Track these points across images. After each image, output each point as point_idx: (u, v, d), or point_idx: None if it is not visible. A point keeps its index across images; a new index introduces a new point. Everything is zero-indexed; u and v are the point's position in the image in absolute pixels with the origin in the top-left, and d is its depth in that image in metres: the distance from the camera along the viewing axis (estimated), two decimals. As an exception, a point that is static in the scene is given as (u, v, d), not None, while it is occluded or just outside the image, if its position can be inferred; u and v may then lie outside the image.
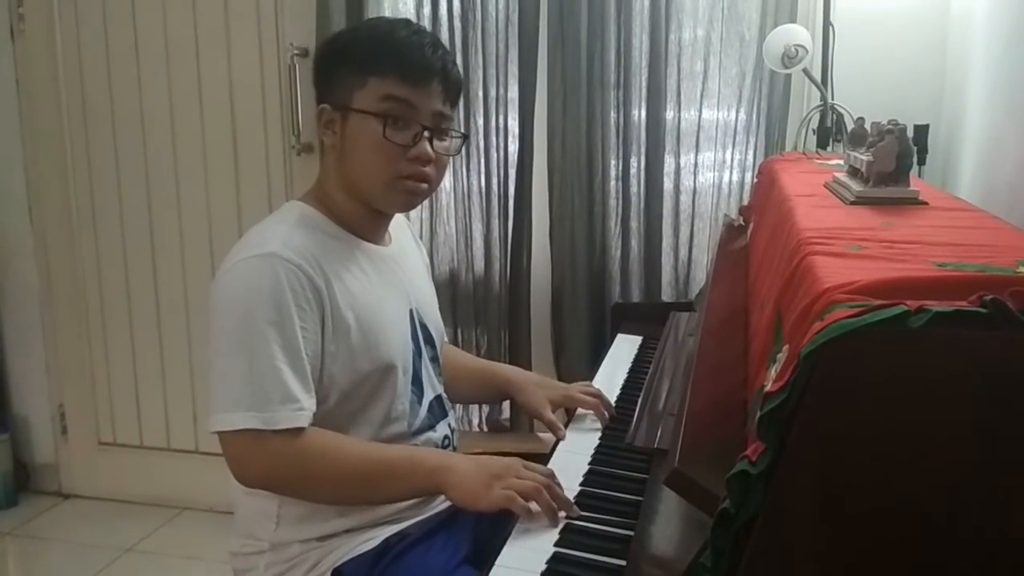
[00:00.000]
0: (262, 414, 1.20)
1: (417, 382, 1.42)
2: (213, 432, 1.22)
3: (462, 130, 2.40)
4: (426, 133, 1.32)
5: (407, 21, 1.38)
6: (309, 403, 1.24)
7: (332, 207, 1.37)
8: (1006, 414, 0.67)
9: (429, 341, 1.48)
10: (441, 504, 1.37)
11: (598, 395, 1.58)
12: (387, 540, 1.28)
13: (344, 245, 1.36)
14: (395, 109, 1.29)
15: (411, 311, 1.44)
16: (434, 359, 1.50)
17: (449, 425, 1.49)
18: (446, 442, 1.46)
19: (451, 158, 1.44)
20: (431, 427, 1.43)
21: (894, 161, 1.33)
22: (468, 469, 1.23)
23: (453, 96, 1.37)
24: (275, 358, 1.21)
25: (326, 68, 1.37)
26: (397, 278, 1.44)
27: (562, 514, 1.18)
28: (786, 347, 0.84)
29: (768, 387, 0.78)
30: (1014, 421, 0.67)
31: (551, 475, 1.23)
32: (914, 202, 1.32)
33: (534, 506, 1.17)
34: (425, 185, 1.35)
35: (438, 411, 1.47)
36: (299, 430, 1.22)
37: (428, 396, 1.44)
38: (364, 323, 1.32)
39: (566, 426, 1.55)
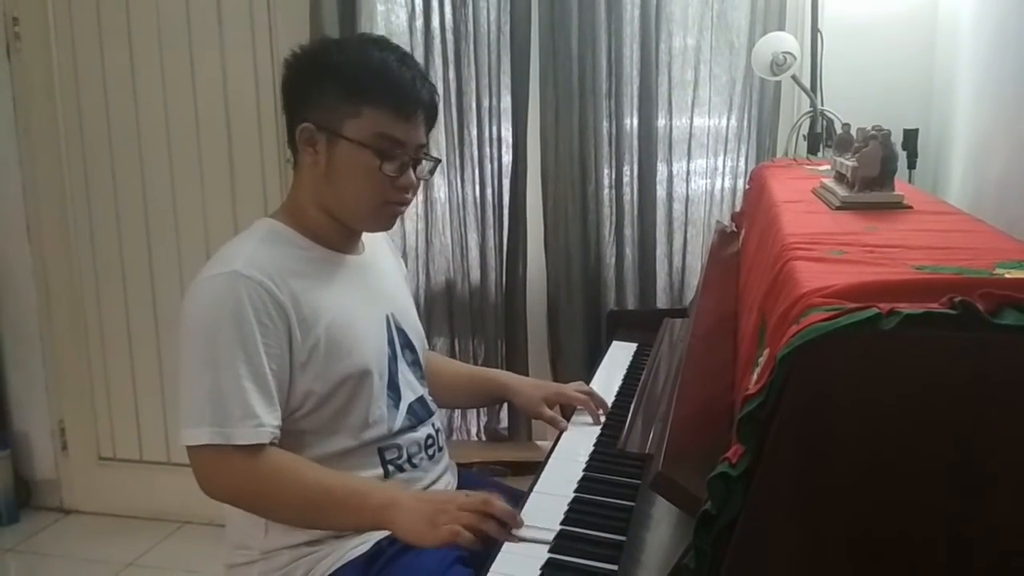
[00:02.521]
0: (223, 430, 1.24)
1: (393, 386, 1.44)
2: (183, 446, 1.27)
3: (444, 144, 2.49)
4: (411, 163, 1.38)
5: (392, 45, 1.41)
6: (270, 420, 1.27)
7: (304, 221, 1.40)
8: (974, 412, 0.68)
9: (408, 345, 1.51)
10: None
11: (590, 393, 1.64)
12: (379, 544, 1.29)
13: (314, 256, 1.39)
14: (388, 145, 1.34)
15: (387, 316, 1.47)
16: (414, 363, 1.52)
17: (433, 425, 1.50)
18: (429, 441, 1.48)
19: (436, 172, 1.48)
20: (413, 428, 1.45)
21: (879, 166, 1.34)
22: (413, 507, 1.25)
23: (432, 125, 1.43)
24: (238, 376, 1.24)
25: (307, 82, 1.37)
26: (371, 285, 1.47)
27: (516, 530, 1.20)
28: (767, 351, 0.85)
29: (749, 390, 0.79)
30: (982, 419, 0.68)
31: (491, 498, 1.24)
32: (899, 206, 1.33)
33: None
34: (404, 207, 1.43)
35: (421, 412, 1.48)
36: (260, 447, 1.25)
37: (407, 399, 1.46)
38: (336, 331, 1.34)
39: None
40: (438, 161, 1.54)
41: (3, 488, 2.92)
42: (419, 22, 2.51)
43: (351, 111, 1.33)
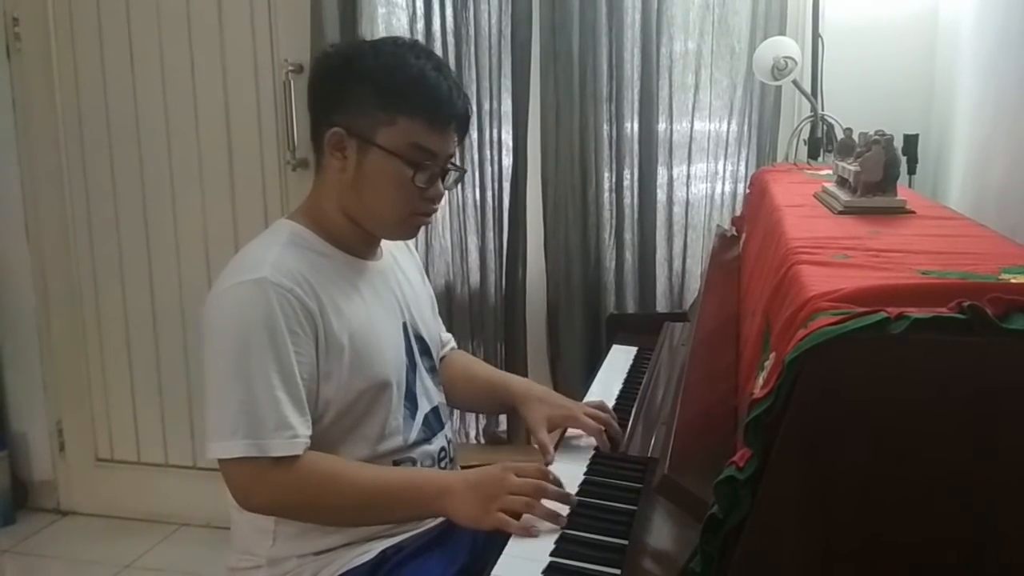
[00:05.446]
0: (258, 441, 1.21)
1: (411, 397, 1.42)
2: (212, 459, 1.23)
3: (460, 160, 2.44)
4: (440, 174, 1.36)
5: (428, 52, 1.38)
6: (304, 429, 1.24)
7: (326, 225, 1.37)
8: (983, 416, 0.68)
9: (425, 352, 1.49)
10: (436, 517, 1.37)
11: (606, 420, 1.47)
12: (383, 552, 1.28)
13: (335, 263, 1.36)
14: (420, 155, 1.31)
15: (404, 325, 1.45)
16: (431, 369, 1.50)
17: (446, 436, 1.49)
18: (442, 454, 1.46)
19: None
20: (427, 440, 1.44)
21: (881, 171, 1.34)
22: (466, 492, 1.23)
23: (463, 135, 1.41)
24: (271, 386, 1.21)
25: (339, 85, 1.33)
26: (389, 293, 1.44)
27: (565, 511, 1.19)
28: (773, 354, 0.85)
29: (755, 394, 0.79)
30: (991, 423, 0.68)
31: (544, 475, 1.23)
32: (901, 211, 1.33)
33: (540, 524, 1.18)
34: (430, 218, 1.41)
35: (435, 423, 1.47)
36: (295, 457, 1.23)
37: (423, 409, 1.44)
38: (357, 342, 1.32)
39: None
40: (464, 171, 1.52)
41: (0, 489, 2.91)
42: (420, 25, 2.51)
43: (385, 119, 1.29)
